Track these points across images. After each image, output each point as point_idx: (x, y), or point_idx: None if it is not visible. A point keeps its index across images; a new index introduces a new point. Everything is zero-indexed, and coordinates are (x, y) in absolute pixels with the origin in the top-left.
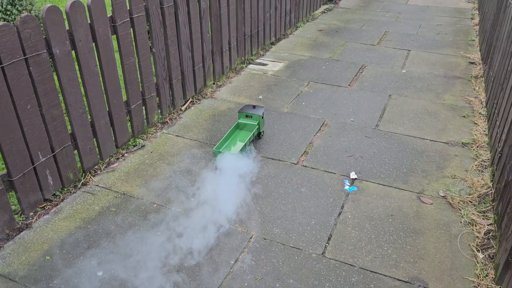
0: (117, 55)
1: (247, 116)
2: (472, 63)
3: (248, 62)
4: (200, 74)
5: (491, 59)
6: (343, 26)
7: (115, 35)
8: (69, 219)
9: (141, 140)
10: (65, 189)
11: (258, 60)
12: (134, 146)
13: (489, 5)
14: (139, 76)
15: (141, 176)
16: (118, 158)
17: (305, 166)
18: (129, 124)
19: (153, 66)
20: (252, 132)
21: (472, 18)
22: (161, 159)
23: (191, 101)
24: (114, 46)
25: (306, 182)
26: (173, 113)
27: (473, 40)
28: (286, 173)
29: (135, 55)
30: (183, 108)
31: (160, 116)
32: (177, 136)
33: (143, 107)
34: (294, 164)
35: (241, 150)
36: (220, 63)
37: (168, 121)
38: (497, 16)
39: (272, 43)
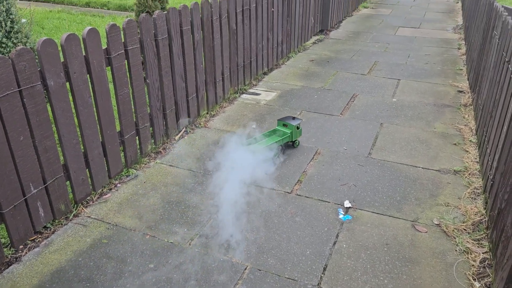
0: (111, 86)
1: (284, 124)
2: (460, 91)
3: (241, 91)
4: (194, 104)
5: (479, 88)
6: (334, 56)
7: (109, 67)
8: (59, 252)
9: (134, 170)
10: (56, 221)
11: (251, 90)
12: (127, 176)
13: (475, 36)
14: (133, 107)
15: (134, 207)
16: (111, 189)
17: (299, 195)
18: (122, 154)
19: (147, 96)
20: (281, 138)
21: (459, 48)
22: (154, 189)
23: (185, 131)
24: (108, 77)
25: (301, 211)
26: (167, 143)
27: (461, 69)
28: (280, 202)
29: (129, 86)
30: (176, 137)
31: (154, 146)
32: (170, 165)
33: (137, 137)
34: (288, 193)
35: (265, 145)
36: (213, 93)
37: (162, 150)
38: (483, 46)
39: (265, 73)
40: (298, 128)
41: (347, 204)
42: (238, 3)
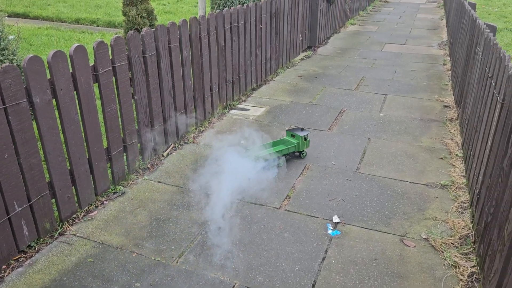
0: (98, 102)
1: (292, 135)
2: (446, 106)
3: (230, 107)
4: (183, 120)
5: (464, 103)
6: (322, 72)
7: (97, 83)
8: (44, 272)
9: (121, 187)
10: (41, 239)
11: (240, 106)
12: (114, 193)
13: (459, 52)
14: (120, 123)
15: (121, 225)
16: (97, 206)
17: (288, 211)
18: (109, 171)
19: (135, 112)
20: (287, 147)
21: (444, 64)
22: (141, 206)
23: (173, 147)
24: (96, 93)
25: (289, 227)
26: (155, 159)
27: (447, 84)
28: (269, 218)
29: (117, 102)
30: (165, 154)
31: (142, 163)
32: (158, 182)
33: (124, 154)
34: (277, 208)
35: (267, 152)
36: (202, 109)
37: (150, 167)
38: (467, 62)
39: (254, 89)
40: (305, 139)
41: (335, 219)
42: (227, 20)
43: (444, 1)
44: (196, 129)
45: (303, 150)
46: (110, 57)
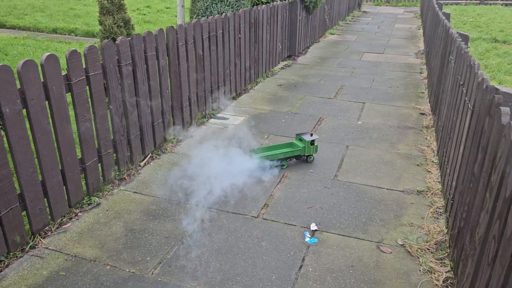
0: (72, 112)
1: (300, 139)
2: (423, 114)
3: (209, 116)
4: (160, 129)
5: (439, 110)
6: (301, 81)
7: (70, 93)
8: (13, 287)
9: (96, 198)
10: (11, 253)
11: (219, 115)
12: (89, 204)
13: (434, 60)
14: (95, 133)
15: (95, 237)
16: (71, 218)
17: (266, 219)
18: (84, 182)
19: (110, 122)
20: (292, 150)
21: (421, 72)
22: (116, 217)
23: (150, 157)
24: (70, 102)
25: (267, 236)
26: (132, 169)
27: (423, 92)
28: (247, 227)
29: (91, 112)
30: (142, 164)
31: (118, 173)
32: (134, 192)
33: (99, 164)
34: (255, 217)
35: (266, 156)
36: (180, 118)
37: (126, 177)
38: (441, 70)
39: (233, 98)
40: (312, 144)
41: (313, 227)
42: (204, 30)
43: (421, 11)
44: (174, 138)
45: (311, 155)
46: (84, 66)
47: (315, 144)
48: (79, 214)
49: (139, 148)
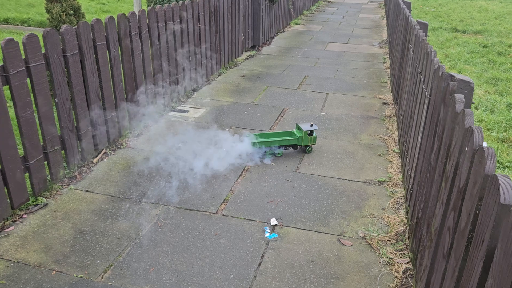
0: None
1: (298, 129)
2: (385, 103)
3: (168, 109)
4: (114, 123)
5: (400, 100)
6: (265, 72)
7: (8, 86)
8: None
9: (43, 198)
10: None
11: (179, 107)
12: (35, 205)
13: (396, 50)
14: (39, 129)
15: (41, 240)
16: (15, 221)
17: (225, 215)
18: (28, 181)
19: (56, 117)
20: (288, 139)
21: (384, 62)
22: (65, 218)
23: (104, 153)
24: (8, 96)
25: (226, 233)
26: (83, 166)
27: (386, 82)
28: (205, 224)
29: (34, 106)
30: (94, 160)
31: (67, 171)
32: (86, 191)
33: (46, 162)
34: (213, 213)
35: (259, 143)
36: (137, 111)
37: (77, 175)
38: (402, 59)
39: (194, 90)
40: (310, 134)
41: (273, 221)
42: (160, 18)
43: (384, 1)
44: (130, 132)
45: (309, 145)
46: (23, 57)
47: (314, 135)
48: (24, 216)
49: (91, 144)
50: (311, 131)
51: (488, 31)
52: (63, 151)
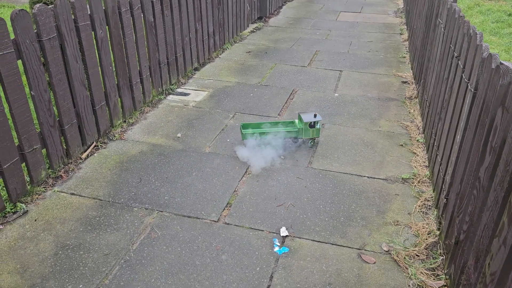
0: None
1: (300, 119)
2: (404, 82)
3: (167, 92)
4: (104, 113)
5: (424, 81)
6: (272, 47)
7: None
8: None
9: (23, 204)
10: None
11: (179, 90)
12: (14, 213)
13: (417, 22)
14: (13, 127)
15: (17, 257)
16: None
17: (228, 224)
18: (3, 187)
19: (34, 112)
20: (287, 130)
21: (401, 34)
22: (47, 229)
23: (94, 146)
24: None
25: (228, 246)
26: (70, 164)
27: (404, 57)
28: (205, 235)
29: (4, 101)
30: (83, 156)
31: (51, 171)
32: (72, 194)
33: (23, 164)
34: (215, 222)
35: (253, 134)
36: (130, 98)
37: (63, 174)
38: (426, 34)
39: (196, 69)
40: (312, 126)
41: (283, 232)
42: None
43: None
44: (124, 121)
45: (311, 139)
46: None
47: (317, 127)
48: (0, 227)
49: (77, 138)
50: (314, 123)
51: None
52: (44, 150)
